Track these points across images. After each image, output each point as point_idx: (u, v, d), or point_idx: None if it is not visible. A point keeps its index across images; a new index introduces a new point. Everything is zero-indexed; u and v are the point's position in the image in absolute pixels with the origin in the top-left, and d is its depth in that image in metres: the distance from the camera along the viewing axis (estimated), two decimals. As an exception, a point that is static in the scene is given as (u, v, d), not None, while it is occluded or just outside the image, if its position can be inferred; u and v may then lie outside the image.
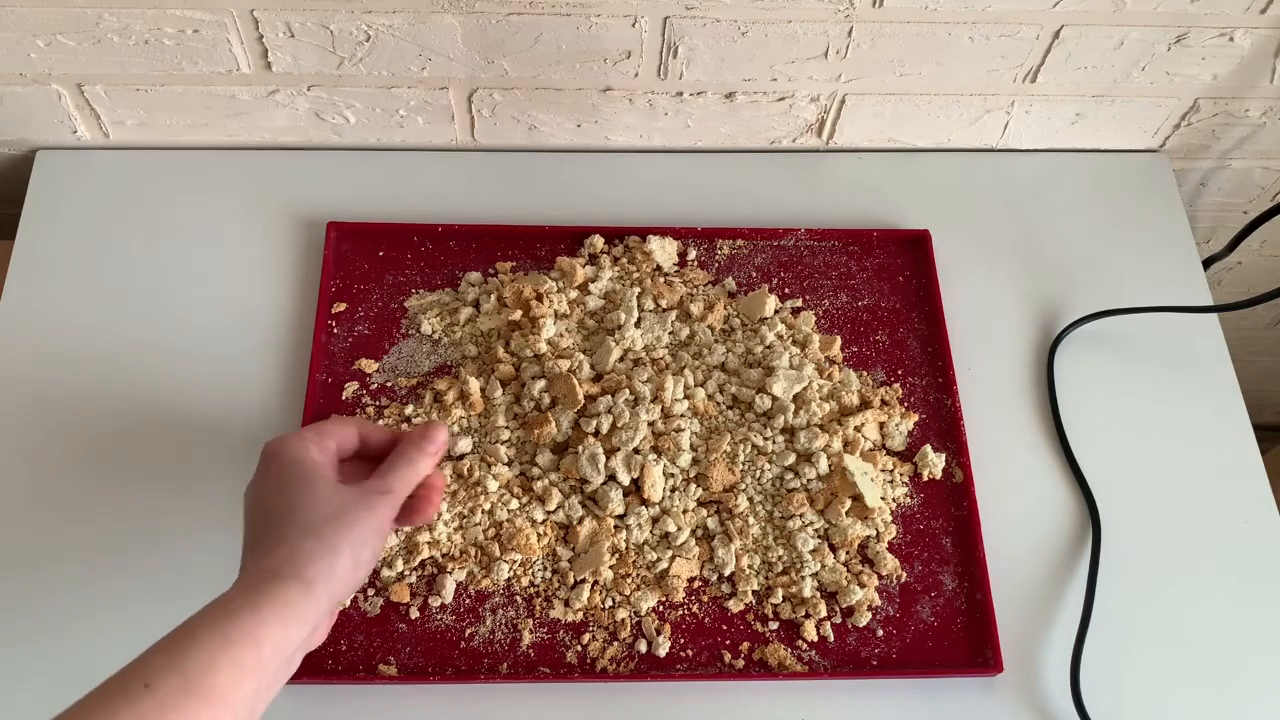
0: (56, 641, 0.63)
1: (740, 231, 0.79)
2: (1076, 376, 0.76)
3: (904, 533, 0.69)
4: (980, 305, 0.78)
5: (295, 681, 0.62)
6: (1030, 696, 0.65)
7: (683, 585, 0.66)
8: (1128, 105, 0.81)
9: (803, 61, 0.75)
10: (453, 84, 0.76)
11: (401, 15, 0.70)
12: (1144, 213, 0.84)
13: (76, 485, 0.68)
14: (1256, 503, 0.72)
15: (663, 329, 0.74)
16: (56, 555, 0.66)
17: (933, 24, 0.72)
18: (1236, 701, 0.66)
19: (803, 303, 0.77)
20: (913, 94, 0.79)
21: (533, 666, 0.64)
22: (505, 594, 0.66)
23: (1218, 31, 0.74)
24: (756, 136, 0.83)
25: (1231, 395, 0.76)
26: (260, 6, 0.69)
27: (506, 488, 0.68)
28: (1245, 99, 0.80)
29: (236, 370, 0.72)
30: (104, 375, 0.72)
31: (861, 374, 0.74)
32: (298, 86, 0.76)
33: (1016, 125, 0.83)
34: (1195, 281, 0.81)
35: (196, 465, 0.69)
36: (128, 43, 0.71)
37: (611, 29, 0.71)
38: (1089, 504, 0.71)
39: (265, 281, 0.76)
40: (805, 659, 0.65)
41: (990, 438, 0.73)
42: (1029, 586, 0.68)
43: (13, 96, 0.75)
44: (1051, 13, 0.72)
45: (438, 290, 0.76)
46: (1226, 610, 0.68)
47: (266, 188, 0.80)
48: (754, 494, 0.68)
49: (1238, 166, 0.88)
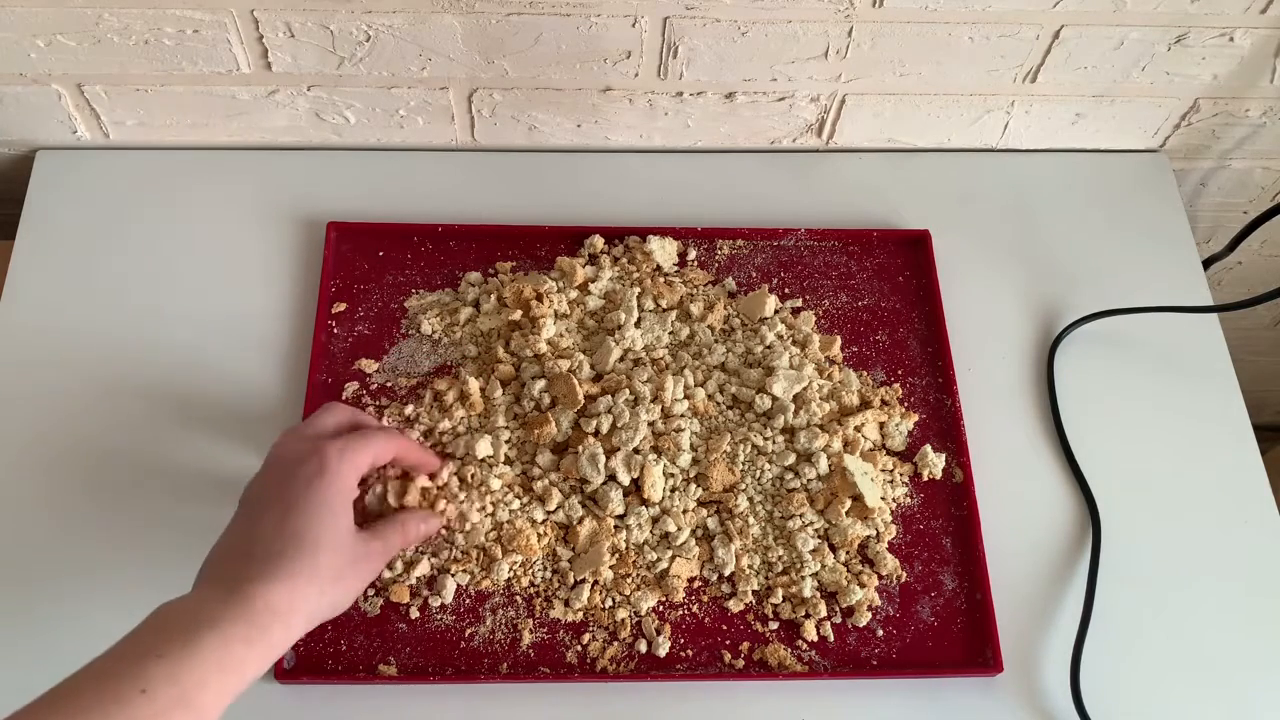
0: (53, 643, 0.63)
1: (740, 231, 0.79)
2: (1076, 376, 0.76)
3: (904, 533, 0.69)
4: (980, 305, 0.78)
5: (295, 681, 0.62)
6: (1030, 696, 0.65)
7: (683, 585, 0.66)
8: (1128, 105, 0.81)
9: (803, 61, 0.75)
10: (453, 84, 0.76)
11: (401, 15, 0.70)
12: (1144, 213, 0.84)
13: (75, 486, 0.68)
14: (1256, 503, 0.72)
15: (663, 329, 0.74)
16: (54, 556, 0.66)
17: (933, 24, 0.72)
18: (1236, 701, 0.66)
19: (803, 303, 0.77)
20: (913, 94, 0.79)
21: (533, 666, 0.64)
22: (505, 594, 0.66)
23: (1218, 31, 0.74)
24: (756, 136, 0.83)
25: (1231, 395, 0.76)
26: (260, 6, 0.69)
27: (509, 487, 0.68)
28: (1245, 99, 0.80)
29: (236, 370, 0.72)
30: (103, 375, 0.72)
31: (861, 374, 0.74)
32: (298, 86, 0.76)
33: (1016, 125, 0.83)
34: (1195, 281, 0.81)
35: (196, 465, 0.69)
36: (128, 43, 0.71)
37: (611, 29, 0.71)
38: (1089, 504, 0.71)
39: (265, 281, 0.76)
40: (805, 659, 0.65)
41: (990, 438, 0.73)
42: (1029, 586, 0.68)
43: (13, 96, 0.75)
44: (1051, 13, 0.72)
45: (438, 290, 0.76)
46: (1226, 610, 0.68)
47: (266, 188, 0.80)
48: (754, 494, 0.68)
49: (1238, 166, 0.88)
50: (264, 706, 0.62)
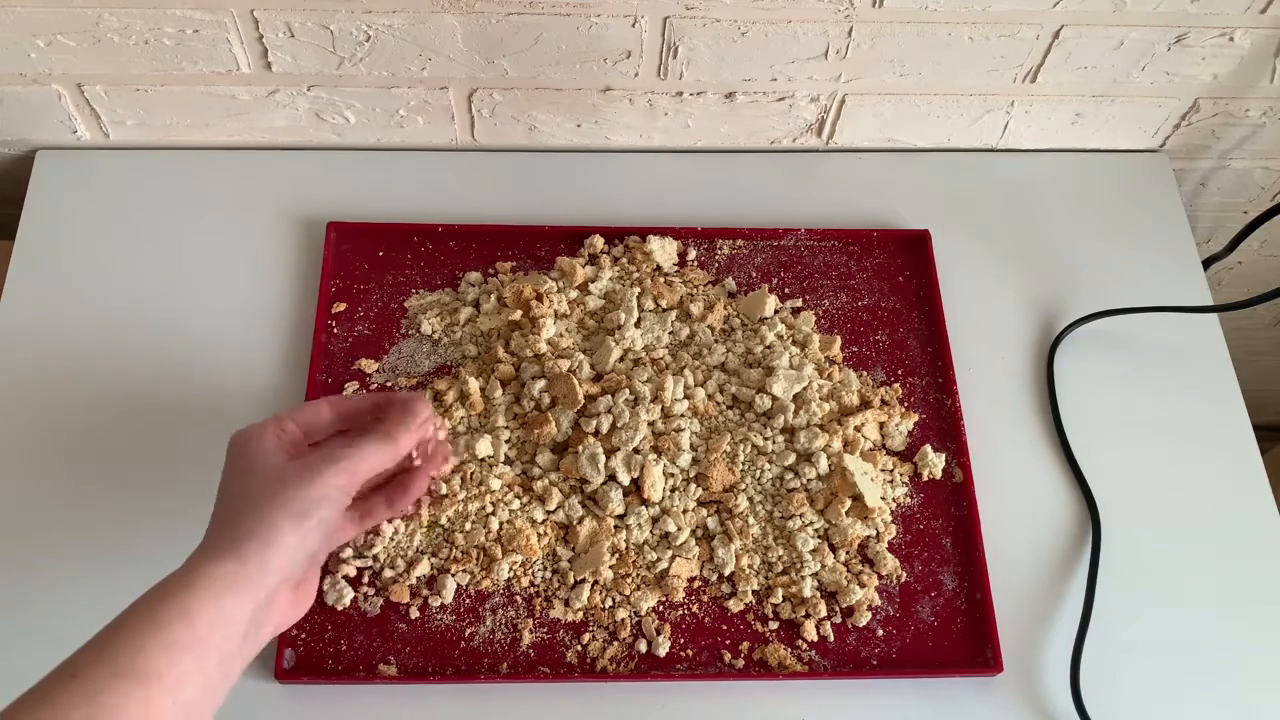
0: (55, 639, 0.63)
1: (740, 231, 0.79)
2: (1076, 376, 0.76)
3: (904, 533, 0.69)
4: (980, 305, 0.78)
5: (295, 681, 0.62)
6: (1030, 696, 0.65)
7: (683, 585, 0.66)
8: (1128, 105, 0.81)
9: (803, 61, 0.75)
10: (453, 84, 0.76)
11: (401, 15, 0.70)
12: (1144, 213, 0.84)
13: (75, 486, 0.68)
14: (1256, 503, 0.72)
15: (663, 329, 0.74)
16: (54, 556, 0.66)
17: (933, 24, 0.72)
18: (1236, 701, 0.66)
19: (803, 303, 0.77)
20: (913, 94, 0.79)
21: (533, 666, 0.64)
22: (505, 594, 0.66)
23: (1218, 31, 0.74)
24: (756, 136, 0.83)
25: (1231, 395, 0.76)
26: (260, 6, 0.69)
27: (509, 487, 0.68)
28: (1245, 99, 0.80)
29: (236, 370, 0.72)
30: (103, 375, 0.72)
31: (861, 374, 0.74)
32: (298, 86, 0.76)
33: (1016, 125, 0.83)
34: (1195, 281, 0.81)
35: (196, 465, 0.69)
36: (128, 43, 0.71)
37: (611, 29, 0.71)
38: (1089, 504, 0.71)
39: (265, 281, 0.76)
40: (805, 659, 0.65)
41: (990, 438, 0.73)
42: (1029, 586, 0.68)
43: (13, 96, 0.75)
44: (1051, 13, 0.72)
45: (438, 290, 0.76)
46: (1226, 610, 0.68)
47: (266, 188, 0.80)
48: (754, 494, 0.68)
49: (1238, 166, 0.88)
50: (264, 706, 0.62)
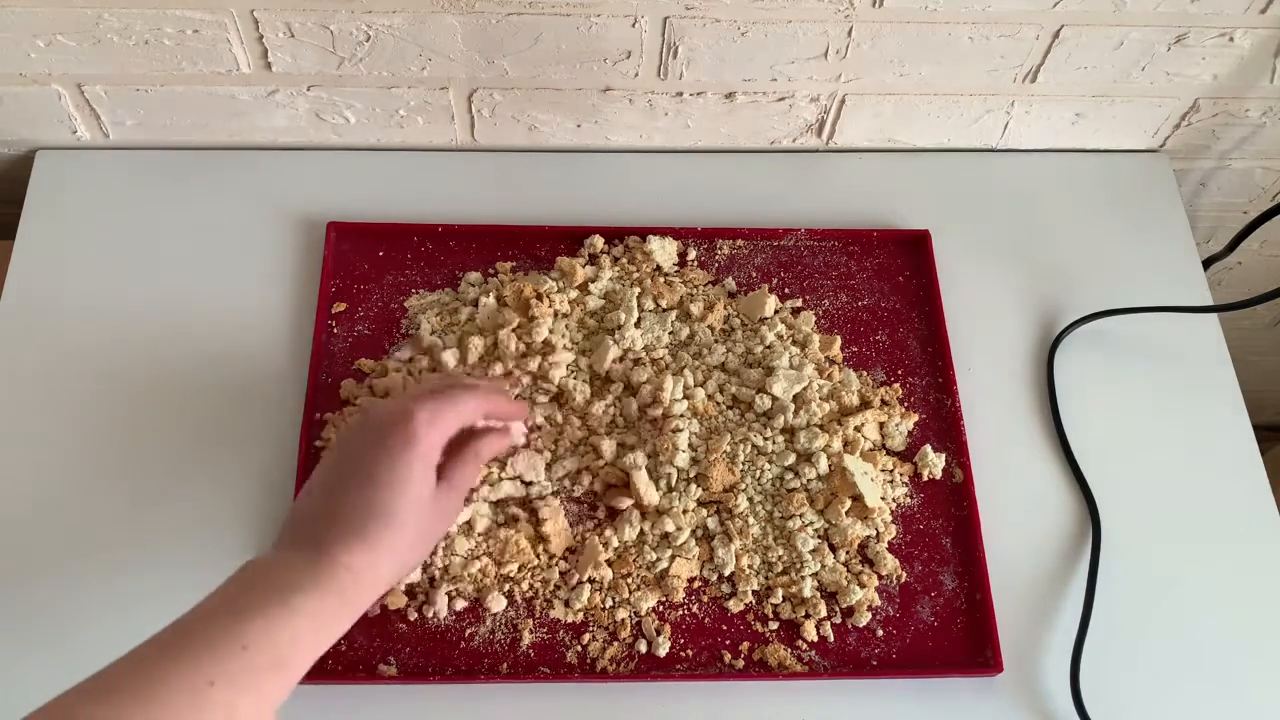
0: (54, 642, 0.63)
1: (740, 231, 0.79)
2: (1076, 376, 0.76)
3: (904, 533, 0.69)
4: (980, 305, 0.78)
5: (295, 681, 0.62)
6: (1030, 696, 0.65)
7: (683, 585, 0.66)
8: (1128, 105, 0.81)
9: (803, 61, 0.75)
10: (453, 84, 0.76)
11: (401, 15, 0.70)
12: (1144, 213, 0.84)
13: (75, 486, 0.68)
14: (1256, 503, 0.72)
15: (663, 329, 0.74)
16: (57, 555, 0.66)
17: (933, 24, 0.72)
18: (1236, 701, 0.66)
19: (803, 303, 0.77)
20: (912, 94, 0.79)
21: (533, 666, 0.64)
22: (505, 595, 0.66)
23: (1218, 31, 0.74)
24: (756, 136, 0.83)
25: (1231, 395, 0.76)
26: (260, 6, 0.69)
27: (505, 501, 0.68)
28: (1245, 99, 0.80)
29: (236, 371, 0.72)
30: (103, 376, 0.72)
31: (861, 374, 0.74)
32: (298, 86, 0.76)
33: (1016, 125, 0.83)
34: (1195, 281, 0.81)
35: (196, 465, 0.69)
36: (128, 43, 0.71)
37: (611, 29, 0.71)
38: (1089, 504, 0.71)
39: (265, 281, 0.76)
40: (805, 659, 0.65)
41: (990, 438, 0.73)
42: (1029, 586, 0.68)
43: (13, 96, 0.75)
44: (1051, 13, 0.72)
45: (438, 290, 0.76)
46: (1226, 610, 0.68)
47: (266, 188, 0.80)
48: (754, 494, 0.68)
49: (1238, 166, 0.88)
50: (264, 706, 0.62)
